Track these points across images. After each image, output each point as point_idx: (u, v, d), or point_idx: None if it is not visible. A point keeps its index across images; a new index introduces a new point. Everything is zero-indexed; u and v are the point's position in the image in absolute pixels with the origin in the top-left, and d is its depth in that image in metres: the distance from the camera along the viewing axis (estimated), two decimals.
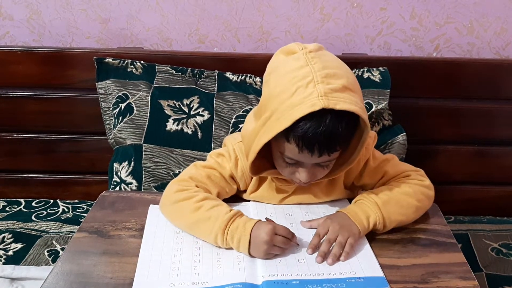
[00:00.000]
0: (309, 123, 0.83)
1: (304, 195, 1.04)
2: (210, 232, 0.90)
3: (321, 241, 0.92)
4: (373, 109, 1.42)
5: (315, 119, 0.83)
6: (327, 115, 0.83)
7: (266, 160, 0.98)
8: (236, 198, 1.06)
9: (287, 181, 1.00)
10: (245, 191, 1.06)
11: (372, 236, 0.96)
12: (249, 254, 0.88)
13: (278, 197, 1.04)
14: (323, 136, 0.84)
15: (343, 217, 0.95)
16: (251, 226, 0.88)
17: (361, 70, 1.49)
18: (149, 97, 1.43)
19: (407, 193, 0.99)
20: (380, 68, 1.49)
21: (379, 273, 0.85)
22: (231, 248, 0.91)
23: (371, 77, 1.47)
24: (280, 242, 0.87)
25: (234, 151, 1.02)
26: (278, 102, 0.85)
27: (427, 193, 1.02)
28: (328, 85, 0.83)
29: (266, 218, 0.93)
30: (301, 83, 0.84)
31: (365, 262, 0.88)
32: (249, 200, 1.06)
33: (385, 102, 1.44)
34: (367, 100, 1.43)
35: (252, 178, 1.03)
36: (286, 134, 0.86)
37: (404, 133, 1.44)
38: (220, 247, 0.91)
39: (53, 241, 1.38)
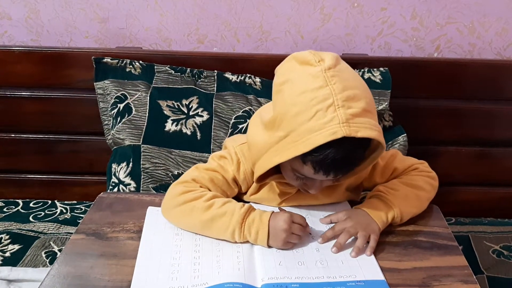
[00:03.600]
0: (328, 149, 0.82)
1: (305, 197, 1.03)
2: (227, 228, 0.90)
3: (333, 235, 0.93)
4: None
5: (334, 145, 0.82)
6: (346, 142, 0.82)
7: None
8: (237, 199, 1.05)
9: (289, 185, 1.00)
10: (245, 193, 1.05)
11: None
12: (268, 246, 0.89)
13: (278, 199, 1.03)
14: (340, 162, 0.84)
15: (362, 214, 0.96)
16: (267, 217, 0.89)
17: (362, 70, 1.48)
18: (148, 98, 1.42)
19: (419, 186, 1.01)
20: (381, 69, 1.48)
21: (379, 276, 0.84)
22: (246, 242, 0.91)
23: (372, 77, 1.46)
24: (298, 230, 0.89)
25: (236, 154, 1.01)
26: (296, 123, 0.83)
27: (434, 184, 1.04)
28: (349, 110, 0.81)
29: (280, 208, 0.94)
30: (320, 106, 0.81)
31: (366, 265, 0.87)
32: (248, 202, 1.05)
33: (386, 103, 1.43)
34: None
35: (253, 181, 1.01)
36: (303, 156, 0.85)
37: (405, 134, 1.44)
38: (236, 242, 0.91)
39: (51, 243, 1.38)
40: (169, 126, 1.39)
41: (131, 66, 1.47)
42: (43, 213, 1.54)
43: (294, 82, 0.86)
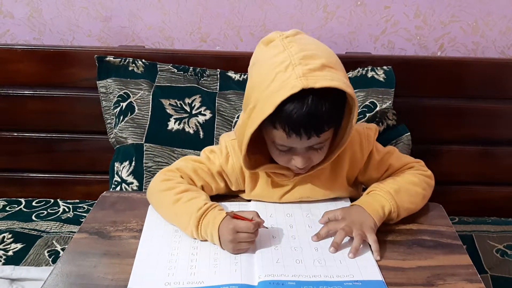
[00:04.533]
0: (292, 106, 0.83)
1: (305, 190, 1.03)
2: (186, 227, 0.92)
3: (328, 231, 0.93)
4: (378, 108, 1.41)
5: (297, 101, 0.83)
6: (308, 96, 0.83)
7: (262, 156, 0.98)
8: (238, 198, 1.06)
9: (284, 175, 1.00)
10: (244, 191, 1.05)
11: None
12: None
13: (278, 194, 1.03)
14: (307, 117, 0.84)
15: (357, 211, 0.95)
16: (218, 223, 0.88)
17: (365, 69, 1.47)
18: (151, 96, 1.41)
19: (414, 182, 1.01)
20: (384, 67, 1.47)
21: (377, 276, 0.84)
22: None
23: (375, 76, 1.46)
24: (244, 238, 0.87)
25: (226, 148, 1.02)
26: (260, 91, 0.86)
27: (430, 183, 1.04)
28: (306, 66, 0.83)
29: (227, 213, 0.91)
30: (279, 68, 0.84)
31: (364, 266, 0.86)
32: (249, 200, 1.05)
33: (390, 102, 1.43)
34: (371, 100, 1.42)
35: (244, 177, 1.02)
36: (272, 121, 0.86)
37: (409, 133, 1.43)
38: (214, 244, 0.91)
39: (54, 241, 1.37)
40: (172, 125, 1.39)
41: (133, 64, 1.47)
42: (45, 212, 1.54)
43: (260, 60, 0.90)
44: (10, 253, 1.33)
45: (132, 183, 1.35)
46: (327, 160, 0.97)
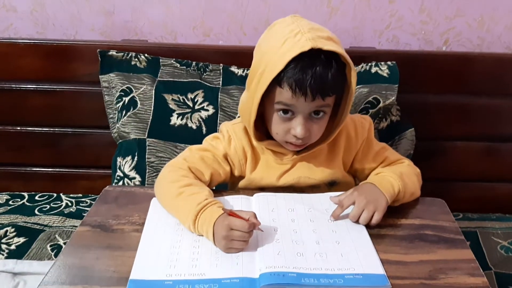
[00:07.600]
0: (300, 64, 0.89)
1: (303, 169, 1.06)
2: (185, 221, 0.93)
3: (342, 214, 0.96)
4: (381, 104, 1.40)
5: (306, 60, 0.88)
6: (316, 58, 0.89)
7: (263, 135, 1.04)
8: (241, 192, 1.06)
9: (284, 154, 1.03)
10: (243, 177, 1.07)
11: (379, 232, 0.94)
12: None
13: (277, 173, 1.06)
14: (314, 76, 0.89)
15: (370, 188, 0.98)
16: (215, 219, 0.89)
17: (369, 64, 1.46)
18: (153, 91, 1.41)
19: (412, 173, 1.06)
20: (389, 63, 1.46)
21: (379, 270, 0.83)
22: None
23: (379, 71, 1.45)
24: (238, 237, 0.87)
25: (227, 132, 1.07)
26: (270, 55, 0.91)
27: (420, 178, 1.08)
28: (315, 34, 0.90)
29: (224, 210, 0.90)
30: (289, 35, 0.91)
31: (365, 259, 0.86)
32: (252, 195, 1.04)
33: (393, 97, 1.42)
34: (374, 95, 1.41)
35: (246, 158, 1.06)
36: (279, 80, 0.91)
37: (413, 129, 1.43)
38: None
39: (56, 236, 1.38)
40: (174, 120, 1.38)
41: (136, 59, 1.47)
42: (48, 206, 1.54)
43: (267, 36, 0.98)
44: (12, 247, 1.33)
45: (134, 178, 1.35)
46: (325, 140, 1.01)
